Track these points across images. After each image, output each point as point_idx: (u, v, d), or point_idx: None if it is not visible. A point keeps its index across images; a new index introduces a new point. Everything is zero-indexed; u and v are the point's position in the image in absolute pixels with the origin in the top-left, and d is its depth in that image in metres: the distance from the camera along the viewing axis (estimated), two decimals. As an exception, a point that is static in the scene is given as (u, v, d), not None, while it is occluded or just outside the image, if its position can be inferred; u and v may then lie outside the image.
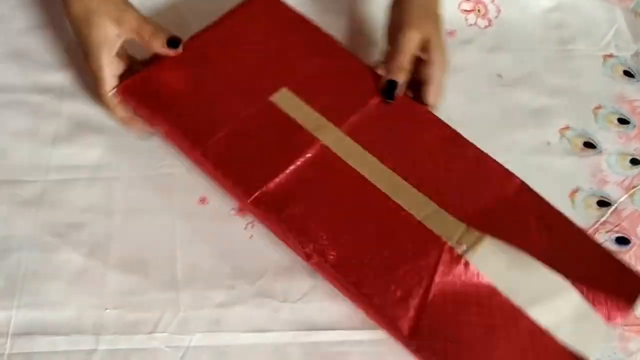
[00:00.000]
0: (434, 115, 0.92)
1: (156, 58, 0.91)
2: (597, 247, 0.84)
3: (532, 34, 1.10)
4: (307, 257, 0.82)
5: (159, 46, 0.90)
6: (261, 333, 0.83)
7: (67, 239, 0.87)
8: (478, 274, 0.79)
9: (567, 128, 1.01)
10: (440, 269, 0.80)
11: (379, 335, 0.84)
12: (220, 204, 0.90)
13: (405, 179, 0.86)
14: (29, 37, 1.01)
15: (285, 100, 0.90)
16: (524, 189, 0.86)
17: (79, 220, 0.88)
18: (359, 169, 0.86)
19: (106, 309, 0.83)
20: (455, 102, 0.98)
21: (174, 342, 0.82)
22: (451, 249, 0.81)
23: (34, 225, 0.87)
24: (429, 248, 0.81)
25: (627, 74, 1.07)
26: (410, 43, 0.91)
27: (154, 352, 0.81)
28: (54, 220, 0.87)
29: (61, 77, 0.97)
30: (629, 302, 0.80)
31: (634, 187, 0.98)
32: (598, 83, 1.06)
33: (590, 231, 0.93)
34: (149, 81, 0.89)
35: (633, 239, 0.94)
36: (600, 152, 1.00)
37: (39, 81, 0.97)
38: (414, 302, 0.78)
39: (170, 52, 0.90)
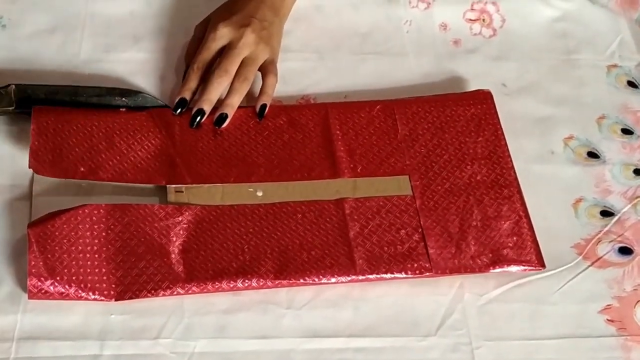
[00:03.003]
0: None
1: None
2: None
3: (536, 43, 1.10)
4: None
5: None
6: (265, 339, 0.84)
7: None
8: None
9: (571, 137, 1.02)
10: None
11: (381, 342, 0.85)
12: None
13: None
14: (37, 42, 1.01)
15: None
16: None
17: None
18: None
19: (111, 314, 0.83)
20: (460, 111, 0.99)
21: (179, 347, 0.82)
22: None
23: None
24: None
25: (631, 84, 1.08)
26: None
27: (158, 358, 0.81)
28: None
29: (70, 82, 0.98)
30: None
31: (637, 197, 0.98)
32: (602, 93, 1.07)
33: (593, 241, 0.94)
34: None
35: (636, 249, 0.94)
36: (604, 162, 1.00)
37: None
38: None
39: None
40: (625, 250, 0.94)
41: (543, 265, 0.90)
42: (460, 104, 1.00)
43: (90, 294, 0.82)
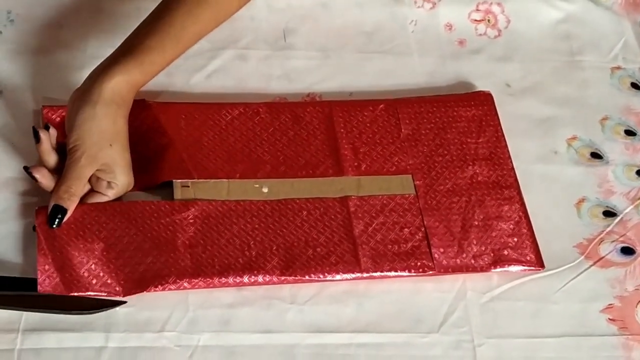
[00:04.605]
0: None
1: None
2: None
3: (541, 44, 1.11)
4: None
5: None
6: (269, 334, 0.84)
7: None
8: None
9: (574, 138, 1.02)
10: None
11: (384, 338, 0.85)
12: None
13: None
14: (44, 37, 1.02)
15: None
16: None
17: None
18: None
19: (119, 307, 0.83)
20: (464, 110, 1.00)
21: (183, 341, 0.82)
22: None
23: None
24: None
25: (635, 86, 1.08)
26: (86, 170, 0.85)
27: (163, 351, 0.82)
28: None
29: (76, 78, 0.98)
30: None
31: (639, 198, 0.99)
32: (605, 94, 1.07)
33: (595, 241, 0.94)
34: None
35: (638, 249, 0.95)
36: (607, 162, 1.01)
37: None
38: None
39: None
40: (627, 250, 0.94)
41: (542, 266, 0.91)
42: (461, 104, 1.00)
43: (98, 289, 0.83)
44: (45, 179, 0.85)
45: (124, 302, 0.83)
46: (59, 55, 1.00)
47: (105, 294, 0.83)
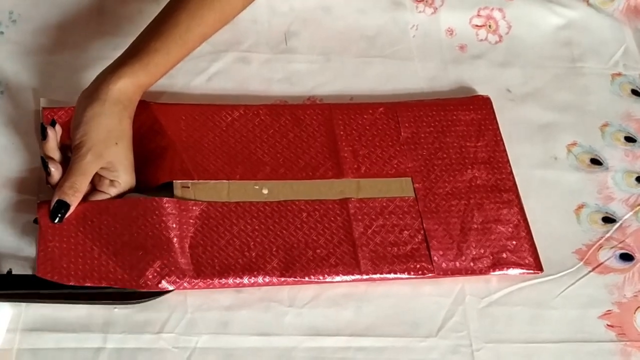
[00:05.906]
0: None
1: None
2: None
3: (542, 50, 1.11)
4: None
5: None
6: (267, 337, 0.84)
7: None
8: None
9: (574, 144, 1.02)
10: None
11: (382, 342, 0.85)
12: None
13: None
14: (46, 37, 1.02)
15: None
16: None
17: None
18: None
19: (115, 308, 0.83)
20: (464, 115, 1.00)
21: (181, 342, 0.82)
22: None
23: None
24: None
25: (635, 92, 1.08)
26: (92, 167, 0.85)
27: (161, 352, 0.82)
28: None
29: (77, 79, 0.99)
30: None
31: (639, 204, 0.99)
32: (606, 101, 1.07)
33: (594, 247, 0.94)
34: None
35: (637, 255, 0.95)
36: (607, 169, 1.01)
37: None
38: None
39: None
40: (626, 257, 0.94)
41: (541, 269, 0.91)
42: (460, 108, 1.01)
43: (95, 282, 0.83)
44: (57, 173, 0.86)
45: (171, 290, 0.83)
46: (60, 55, 1.00)
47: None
